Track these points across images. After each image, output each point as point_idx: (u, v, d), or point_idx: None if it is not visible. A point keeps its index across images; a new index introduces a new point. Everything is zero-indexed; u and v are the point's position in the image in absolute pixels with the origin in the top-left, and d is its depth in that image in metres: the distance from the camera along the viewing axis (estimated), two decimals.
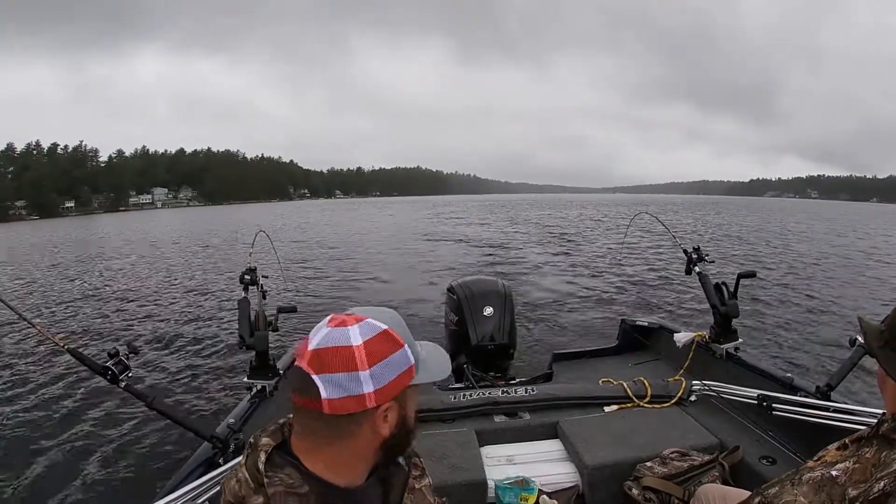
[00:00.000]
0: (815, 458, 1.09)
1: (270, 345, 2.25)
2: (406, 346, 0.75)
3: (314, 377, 0.69)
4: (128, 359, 1.66)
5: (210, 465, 1.68)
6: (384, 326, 0.74)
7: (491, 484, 1.85)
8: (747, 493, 1.24)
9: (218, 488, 1.53)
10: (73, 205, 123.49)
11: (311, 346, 0.71)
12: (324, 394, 0.69)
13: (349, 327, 0.72)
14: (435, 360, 0.81)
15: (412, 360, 0.76)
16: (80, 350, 1.65)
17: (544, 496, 1.20)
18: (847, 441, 1.06)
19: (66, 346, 1.65)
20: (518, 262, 12.71)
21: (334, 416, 0.70)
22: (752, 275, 2.57)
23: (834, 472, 0.98)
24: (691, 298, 7.53)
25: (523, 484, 1.76)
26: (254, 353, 2.22)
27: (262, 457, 0.71)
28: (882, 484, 0.89)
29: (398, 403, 0.75)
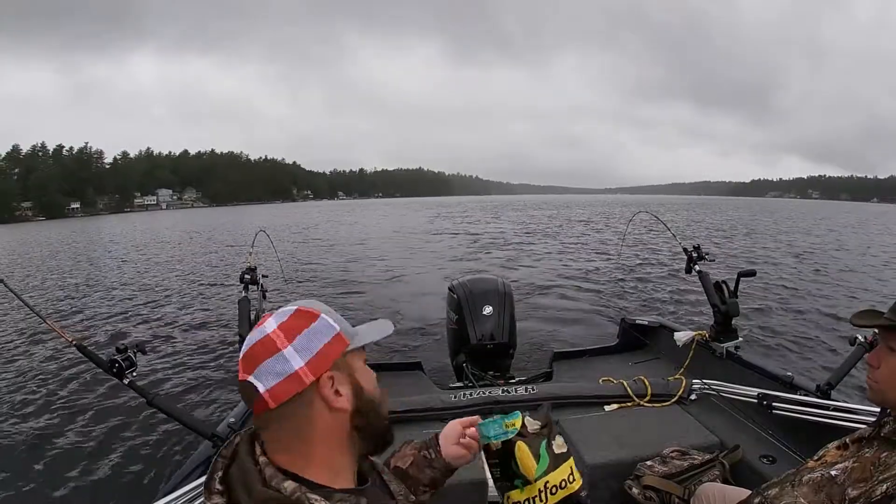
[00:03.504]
0: (816, 457, 1.09)
1: None
2: (323, 314, 0.74)
3: (249, 379, 0.69)
4: (135, 356, 1.67)
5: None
6: (295, 307, 0.74)
7: (491, 483, 1.84)
8: (747, 492, 1.24)
9: None
10: (78, 206, 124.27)
11: (240, 356, 0.72)
12: (260, 388, 0.68)
13: (264, 322, 0.72)
14: (375, 325, 0.82)
15: (337, 328, 0.74)
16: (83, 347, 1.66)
17: (527, 417, 1.20)
18: (847, 441, 1.06)
19: (73, 342, 1.67)
20: (514, 261, 12.70)
21: (284, 407, 0.68)
22: (752, 273, 2.56)
23: (833, 472, 0.98)
24: (692, 297, 7.50)
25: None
26: None
27: (288, 485, 0.66)
28: (885, 486, 0.89)
29: (344, 373, 0.73)
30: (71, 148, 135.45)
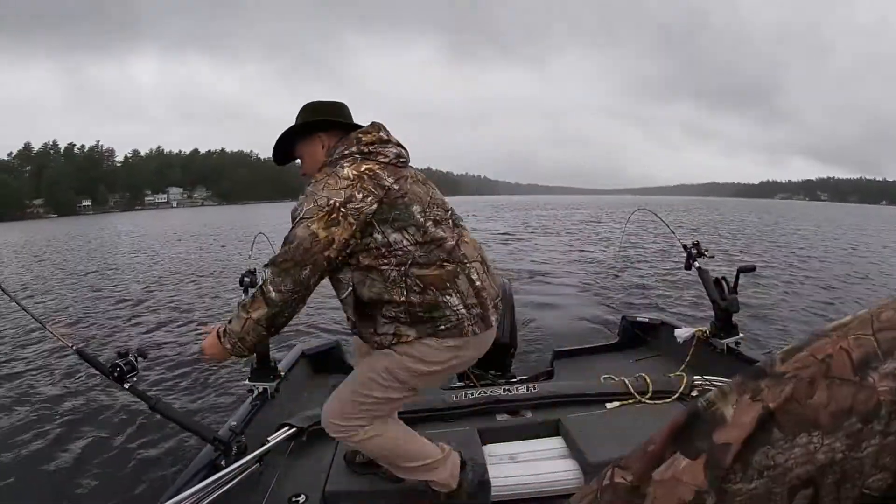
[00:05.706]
0: None
1: (271, 347, 2.27)
2: None
3: None
4: (136, 361, 1.66)
5: (213, 468, 1.70)
6: None
7: (494, 483, 1.85)
8: None
9: (220, 492, 1.56)
10: (90, 203, 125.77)
11: None
12: None
13: None
14: None
15: None
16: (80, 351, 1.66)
17: None
18: None
19: (73, 346, 1.66)
20: (515, 259, 12.61)
21: None
22: (751, 269, 2.56)
23: None
24: (691, 294, 7.40)
25: None
26: (255, 355, 2.24)
27: None
28: None
29: None
30: (82, 146, 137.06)
